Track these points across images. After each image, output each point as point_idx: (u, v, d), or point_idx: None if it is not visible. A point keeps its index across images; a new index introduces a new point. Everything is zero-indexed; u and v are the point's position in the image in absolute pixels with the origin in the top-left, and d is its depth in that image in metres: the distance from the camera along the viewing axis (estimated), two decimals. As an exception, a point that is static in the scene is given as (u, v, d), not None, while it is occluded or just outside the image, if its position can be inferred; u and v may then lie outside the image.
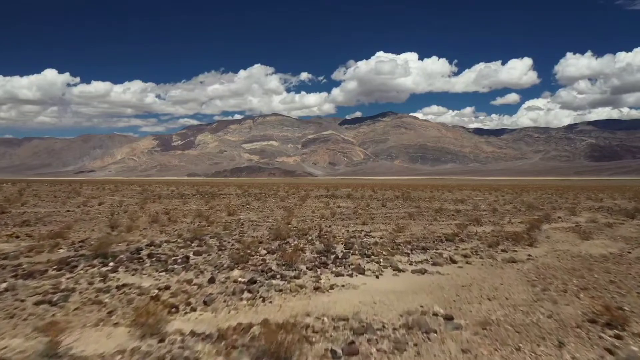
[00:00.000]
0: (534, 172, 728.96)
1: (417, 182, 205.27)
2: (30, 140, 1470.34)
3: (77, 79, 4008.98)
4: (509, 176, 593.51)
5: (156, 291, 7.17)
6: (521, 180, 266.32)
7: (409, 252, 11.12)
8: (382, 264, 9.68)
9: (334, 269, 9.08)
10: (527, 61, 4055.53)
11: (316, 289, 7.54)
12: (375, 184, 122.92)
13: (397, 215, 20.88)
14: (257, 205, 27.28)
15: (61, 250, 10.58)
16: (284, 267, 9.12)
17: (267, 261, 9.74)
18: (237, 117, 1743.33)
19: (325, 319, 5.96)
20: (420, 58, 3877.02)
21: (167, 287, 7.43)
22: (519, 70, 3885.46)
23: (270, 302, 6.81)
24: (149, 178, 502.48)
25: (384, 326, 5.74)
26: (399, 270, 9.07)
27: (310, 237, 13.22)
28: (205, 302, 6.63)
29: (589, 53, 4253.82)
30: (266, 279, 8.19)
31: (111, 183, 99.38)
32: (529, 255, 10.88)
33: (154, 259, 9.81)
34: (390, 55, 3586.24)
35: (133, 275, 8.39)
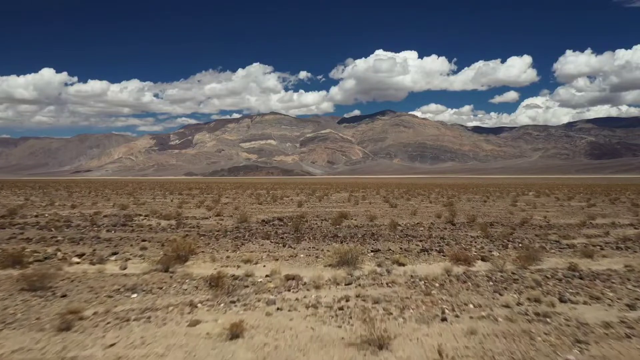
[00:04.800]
0: (533, 170, 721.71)
1: (419, 180, 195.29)
2: (27, 140, 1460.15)
3: (75, 79, 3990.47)
4: (509, 174, 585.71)
5: None
6: (525, 179, 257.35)
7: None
8: None
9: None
10: (527, 59, 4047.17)
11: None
12: (378, 184, 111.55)
13: None
14: None
15: None
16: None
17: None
18: (235, 116, 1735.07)
19: None
20: (420, 56, 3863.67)
21: None
22: (517, 68, 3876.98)
23: None
24: (146, 178, 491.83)
25: None
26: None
27: None
28: None
29: (588, 51, 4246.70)
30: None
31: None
32: None
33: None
34: (389, 54, 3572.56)
35: None
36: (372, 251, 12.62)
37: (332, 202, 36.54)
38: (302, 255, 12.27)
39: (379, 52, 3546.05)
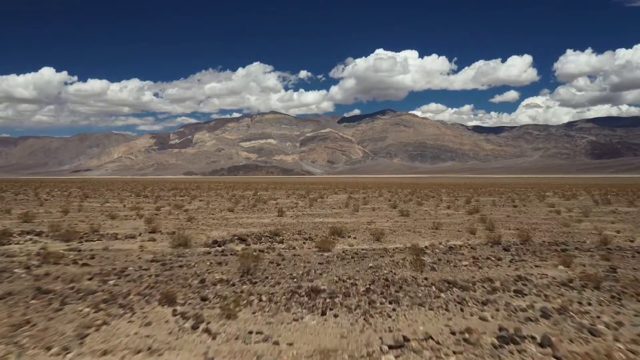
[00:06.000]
0: (534, 170, 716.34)
1: (420, 180, 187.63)
2: (27, 139, 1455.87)
3: (75, 78, 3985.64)
4: (509, 174, 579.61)
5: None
6: (527, 178, 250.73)
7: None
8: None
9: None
10: (527, 58, 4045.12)
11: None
12: (379, 183, 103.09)
13: None
14: None
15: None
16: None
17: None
18: (235, 115, 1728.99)
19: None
20: (420, 56, 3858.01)
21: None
22: (518, 67, 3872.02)
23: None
24: (145, 177, 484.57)
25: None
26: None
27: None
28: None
29: (589, 50, 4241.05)
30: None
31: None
32: None
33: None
34: (390, 53, 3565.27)
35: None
36: (389, 347, 5.46)
37: (327, 207, 29.21)
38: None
39: (379, 52, 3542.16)
